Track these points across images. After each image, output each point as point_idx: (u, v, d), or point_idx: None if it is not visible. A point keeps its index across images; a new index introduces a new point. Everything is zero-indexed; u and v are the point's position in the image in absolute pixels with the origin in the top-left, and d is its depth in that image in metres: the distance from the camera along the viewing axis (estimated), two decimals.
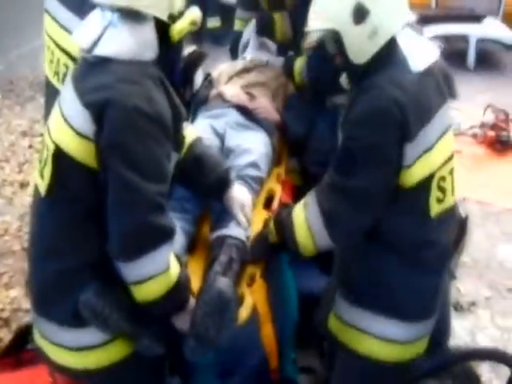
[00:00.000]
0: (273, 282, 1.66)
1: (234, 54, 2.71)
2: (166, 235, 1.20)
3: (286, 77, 2.35)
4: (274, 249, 1.61)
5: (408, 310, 1.44)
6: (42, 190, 1.25)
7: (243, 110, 2.05)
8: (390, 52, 1.35)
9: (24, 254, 2.76)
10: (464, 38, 4.95)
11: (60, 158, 1.20)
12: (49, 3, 1.75)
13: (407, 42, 1.37)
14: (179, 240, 1.52)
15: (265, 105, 2.13)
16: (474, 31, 4.90)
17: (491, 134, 3.45)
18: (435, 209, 1.40)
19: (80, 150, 1.19)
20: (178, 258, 1.33)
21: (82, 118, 1.18)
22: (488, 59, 5.09)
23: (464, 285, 2.48)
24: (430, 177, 1.37)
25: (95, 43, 1.24)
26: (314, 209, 1.43)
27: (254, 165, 1.83)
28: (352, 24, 1.32)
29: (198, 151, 1.59)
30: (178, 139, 1.37)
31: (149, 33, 1.25)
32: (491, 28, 5.00)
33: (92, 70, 1.24)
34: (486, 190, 3.07)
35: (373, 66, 1.35)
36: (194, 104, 2.22)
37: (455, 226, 1.56)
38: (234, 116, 2.03)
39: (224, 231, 1.61)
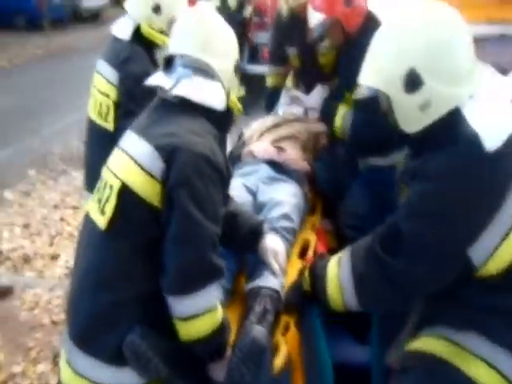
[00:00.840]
0: (305, 332, 1.66)
1: (269, 110, 2.79)
2: (218, 274, 1.28)
3: (325, 123, 2.35)
4: (307, 298, 1.59)
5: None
6: (102, 224, 1.29)
7: (273, 164, 2.09)
8: (453, 126, 1.17)
9: (52, 327, 2.76)
10: None
11: (125, 194, 1.27)
12: (98, 63, 2.25)
13: (479, 112, 1.17)
14: None
15: (293, 156, 2.17)
16: None
17: None
18: None
19: (146, 187, 1.26)
20: (221, 301, 1.38)
21: (152, 158, 1.26)
22: None
23: None
24: None
25: (173, 86, 1.37)
26: (347, 268, 1.38)
27: (286, 216, 1.85)
28: (403, 91, 1.20)
29: (231, 208, 1.64)
30: (226, 193, 1.46)
31: (219, 87, 1.40)
32: None
33: (166, 113, 1.37)
34: None
35: (433, 139, 1.20)
36: (231, 161, 2.31)
37: None
38: (265, 171, 2.07)
39: (258, 282, 1.62)
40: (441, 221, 1.18)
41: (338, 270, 1.42)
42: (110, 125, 2.15)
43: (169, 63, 1.47)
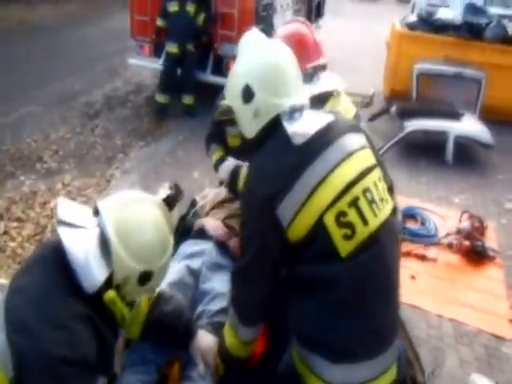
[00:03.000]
0: None
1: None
2: None
3: (231, 191, 2.39)
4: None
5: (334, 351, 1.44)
6: None
7: (222, 246, 2.09)
8: (273, 129, 1.48)
9: None
10: (444, 132, 5.10)
11: None
12: None
13: (294, 119, 1.47)
14: None
15: None
16: (452, 128, 5.05)
17: (466, 243, 3.49)
18: (346, 248, 1.38)
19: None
20: None
21: (5, 358, 1.20)
22: (466, 155, 5.23)
23: None
24: (319, 222, 1.38)
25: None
26: (229, 305, 1.63)
27: (225, 311, 1.86)
28: (242, 102, 1.51)
29: (158, 314, 1.65)
30: (106, 364, 1.40)
31: (102, 269, 1.36)
32: (469, 126, 5.16)
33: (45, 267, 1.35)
34: (460, 308, 3.06)
35: (261, 138, 1.50)
36: (180, 232, 2.30)
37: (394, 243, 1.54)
38: (211, 255, 2.09)
39: None
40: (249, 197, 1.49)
41: (227, 320, 1.68)
42: None
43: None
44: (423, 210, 4.02)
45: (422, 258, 3.48)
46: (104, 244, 1.35)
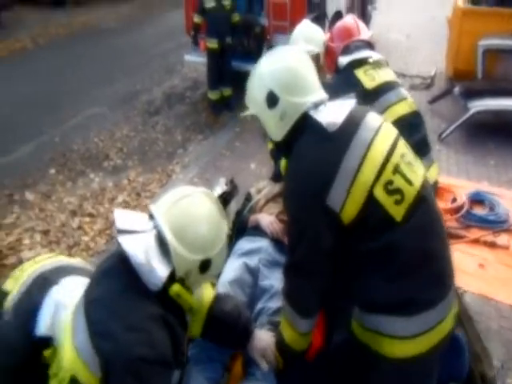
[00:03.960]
0: None
1: (277, 180, 2.74)
2: None
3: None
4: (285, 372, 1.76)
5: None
6: None
7: (278, 243, 2.11)
8: (301, 126, 1.55)
9: None
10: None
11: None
12: None
13: (322, 110, 1.55)
14: None
15: None
16: None
17: None
18: (399, 212, 1.46)
19: (92, 381, 1.34)
20: None
21: (93, 362, 1.33)
22: None
23: None
24: (369, 197, 1.44)
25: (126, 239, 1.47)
26: (283, 300, 1.66)
27: None
28: (267, 109, 1.58)
29: (218, 313, 1.71)
30: (179, 357, 1.50)
31: (165, 269, 1.44)
32: None
33: (114, 280, 1.45)
34: None
35: (291, 138, 1.57)
36: (237, 227, 2.36)
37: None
38: (267, 252, 2.11)
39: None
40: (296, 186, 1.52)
41: (282, 315, 1.71)
42: None
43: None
44: (492, 195, 3.83)
45: (492, 245, 3.30)
46: (162, 243, 1.43)
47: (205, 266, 1.48)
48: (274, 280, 1.97)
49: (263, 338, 1.76)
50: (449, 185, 3.91)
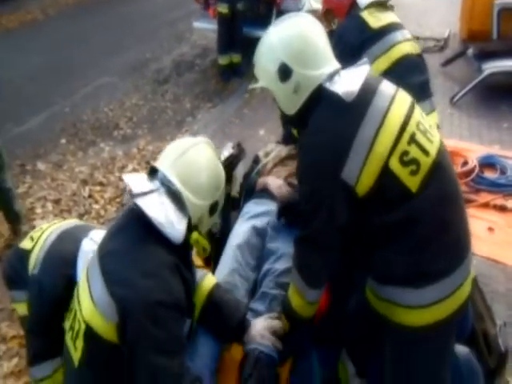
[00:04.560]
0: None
1: (287, 143, 2.72)
2: None
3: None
4: (291, 336, 1.74)
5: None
6: (75, 361, 1.45)
7: (287, 206, 2.11)
8: (316, 98, 1.50)
9: None
10: None
11: (90, 335, 1.40)
12: None
13: (335, 82, 1.49)
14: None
15: None
16: None
17: None
18: (415, 183, 1.44)
19: (108, 331, 1.38)
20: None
21: (110, 308, 1.37)
22: None
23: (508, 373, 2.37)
24: (385, 169, 1.41)
25: (139, 195, 1.51)
26: (293, 270, 1.64)
27: (290, 271, 1.85)
28: (279, 82, 1.52)
29: (216, 299, 1.73)
30: (190, 308, 1.56)
31: (182, 218, 1.50)
32: None
33: (128, 230, 1.52)
34: None
35: (305, 111, 1.52)
36: (245, 189, 2.40)
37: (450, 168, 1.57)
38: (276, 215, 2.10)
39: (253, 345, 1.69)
40: (312, 158, 1.48)
41: (290, 281, 1.70)
42: None
43: (153, 171, 1.56)
44: (503, 158, 3.76)
45: (502, 208, 3.29)
46: (174, 196, 1.50)
47: (213, 208, 1.58)
48: (282, 242, 1.98)
49: (258, 324, 1.74)
50: (460, 149, 3.86)
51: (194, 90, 6.00)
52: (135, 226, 1.49)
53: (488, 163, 3.76)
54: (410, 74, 2.40)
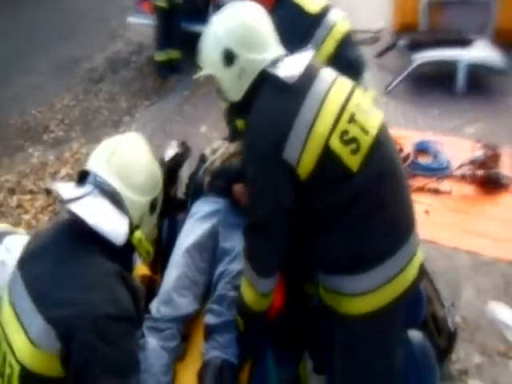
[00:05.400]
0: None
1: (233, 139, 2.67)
2: None
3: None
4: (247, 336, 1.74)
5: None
6: None
7: (237, 204, 2.05)
8: (259, 82, 1.53)
9: None
10: (453, 61, 4.87)
11: (26, 376, 1.22)
12: None
13: (280, 66, 1.53)
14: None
15: None
16: (462, 56, 4.78)
17: (480, 173, 3.37)
18: (356, 163, 1.46)
19: (47, 365, 1.21)
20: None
21: (48, 336, 1.19)
22: (479, 84, 4.96)
23: (455, 350, 2.43)
24: (326, 149, 1.44)
25: (72, 200, 1.38)
26: (244, 261, 1.63)
27: None
28: (223, 67, 1.54)
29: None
30: (140, 318, 1.46)
31: (122, 218, 1.38)
32: (479, 52, 4.87)
33: (62, 242, 1.36)
34: (476, 238, 3.00)
35: (250, 97, 1.54)
36: (192, 189, 2.30)
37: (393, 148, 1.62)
38: (228, 213, 2.05)
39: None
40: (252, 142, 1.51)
41: (243, 276, 1.68)
42: None
43: (83, 177, 1.44)
44: (435, 143, 3.90)
45: (436, 191, 3.39)
46: (111, 196, 1.39)
47: (153, 205, 1.51)
48: (236, 241, 1.90)
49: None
50: (396, 137, 3.96)
51: (130, 88, 5.79)
52: (66, 237, 1.36)
53: (421, 149, 3.88)
54: (350, 49, 2.42)
